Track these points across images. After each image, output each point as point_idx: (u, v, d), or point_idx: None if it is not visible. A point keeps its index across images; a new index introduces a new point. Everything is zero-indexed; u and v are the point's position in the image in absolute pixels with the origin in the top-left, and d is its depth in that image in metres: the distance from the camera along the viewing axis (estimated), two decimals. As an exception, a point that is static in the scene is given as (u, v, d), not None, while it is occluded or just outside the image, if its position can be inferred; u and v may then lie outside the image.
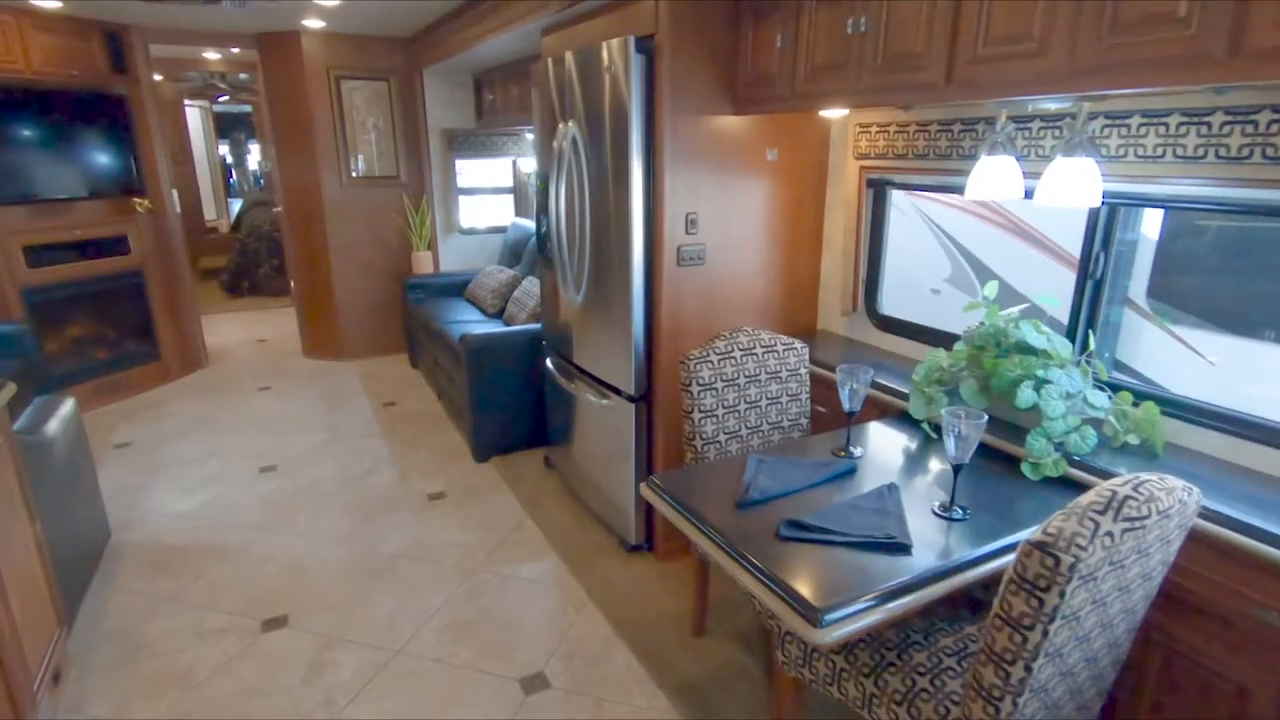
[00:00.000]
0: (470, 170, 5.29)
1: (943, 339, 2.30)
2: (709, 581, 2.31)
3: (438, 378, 4.39)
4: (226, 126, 10.88)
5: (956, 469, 1.53)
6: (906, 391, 2.05)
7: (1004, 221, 2.65)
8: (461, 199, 5.27)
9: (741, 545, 1.42)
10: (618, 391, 2.63)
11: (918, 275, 2.75)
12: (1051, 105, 1.77)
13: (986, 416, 1.48)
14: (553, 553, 2.81)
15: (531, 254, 4.55)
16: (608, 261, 2.55)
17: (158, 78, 7.89)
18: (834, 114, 2.33)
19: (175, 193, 4.95)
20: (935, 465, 1.81)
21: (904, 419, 2.05)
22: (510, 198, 5.44)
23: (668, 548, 2.71)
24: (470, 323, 4.25)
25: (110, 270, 4.51)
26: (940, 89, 1.64)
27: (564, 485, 3.33)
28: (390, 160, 5.13)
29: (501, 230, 5.42)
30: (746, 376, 2.15)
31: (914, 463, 1.83)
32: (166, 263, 4.83)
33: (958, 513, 1.54)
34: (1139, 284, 2.05)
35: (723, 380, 2.12)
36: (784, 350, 2.22)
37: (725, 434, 2.14)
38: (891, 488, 1.62)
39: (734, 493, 1.65)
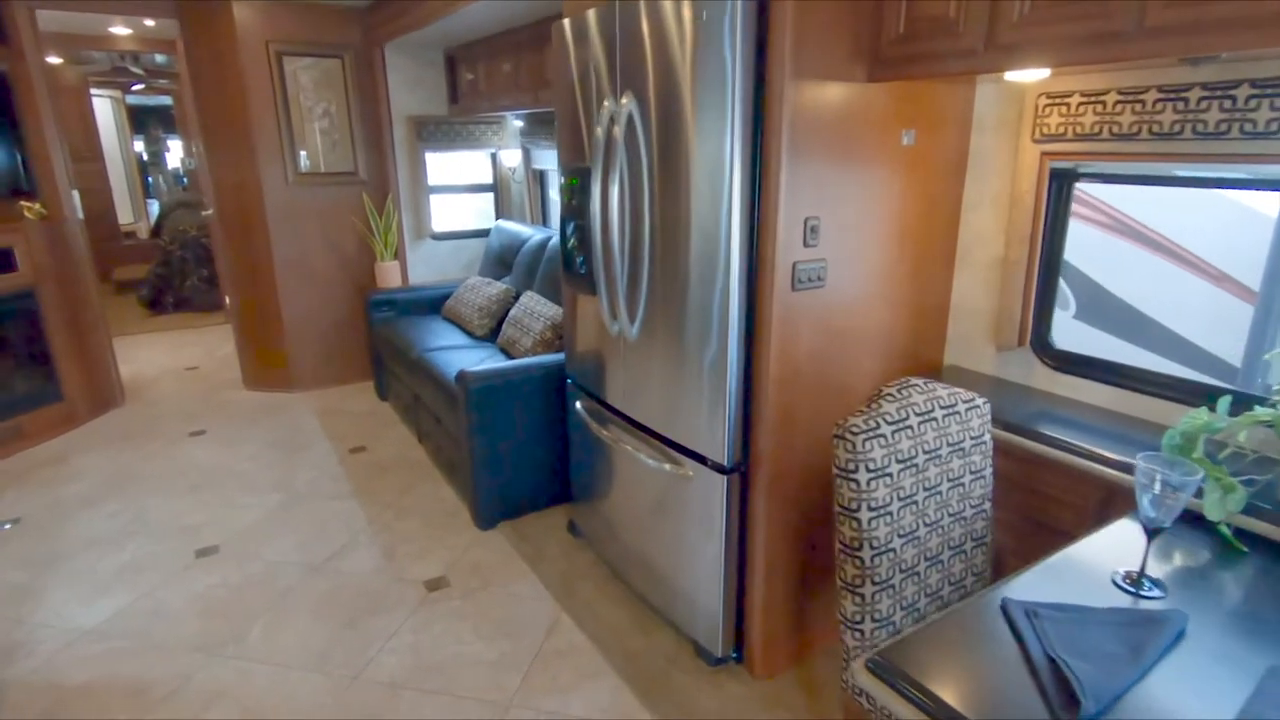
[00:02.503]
0: (442, 165, 4.50)
1: (1170, 387, 1.71)
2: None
3: (418, 417, 3.61)
4: (142, 121, 9.71)
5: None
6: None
7: (1108, 221, 2.07)
8: (432, 198, 4.48)
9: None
10: (698, 458, 1.95)
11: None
12: None
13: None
14: (609, 670, 2.11)
15: (527, 264, 3.82)
16: (682, 284, 1.87)
17: (56, 60, 6.79)
18: (1024, 78, 1.68)
19: (77, 194, 4.01)
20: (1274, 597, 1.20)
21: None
22: (490, 196, 4.68)
23: (769, 660, 2.05)
24: (455, 349, 3.50)
25: (-10, 292, 3.58)
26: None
27: (600, 561, 2.63)
28: (346, 153, 4.31)
29: (481, 234, 4.65)
30: (926, 453, 1.51)
31: (1242, 596, 1.22)
32: (67, 279, 3.90)
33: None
34: None
35: (898, 461, 1.47)
36: (966, 410, 1.58)
37: (900, 536, 1.49)
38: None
39: (1017, 681, 1.00)
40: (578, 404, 2.55)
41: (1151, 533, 1.19)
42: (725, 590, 2.00)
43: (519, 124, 4.13)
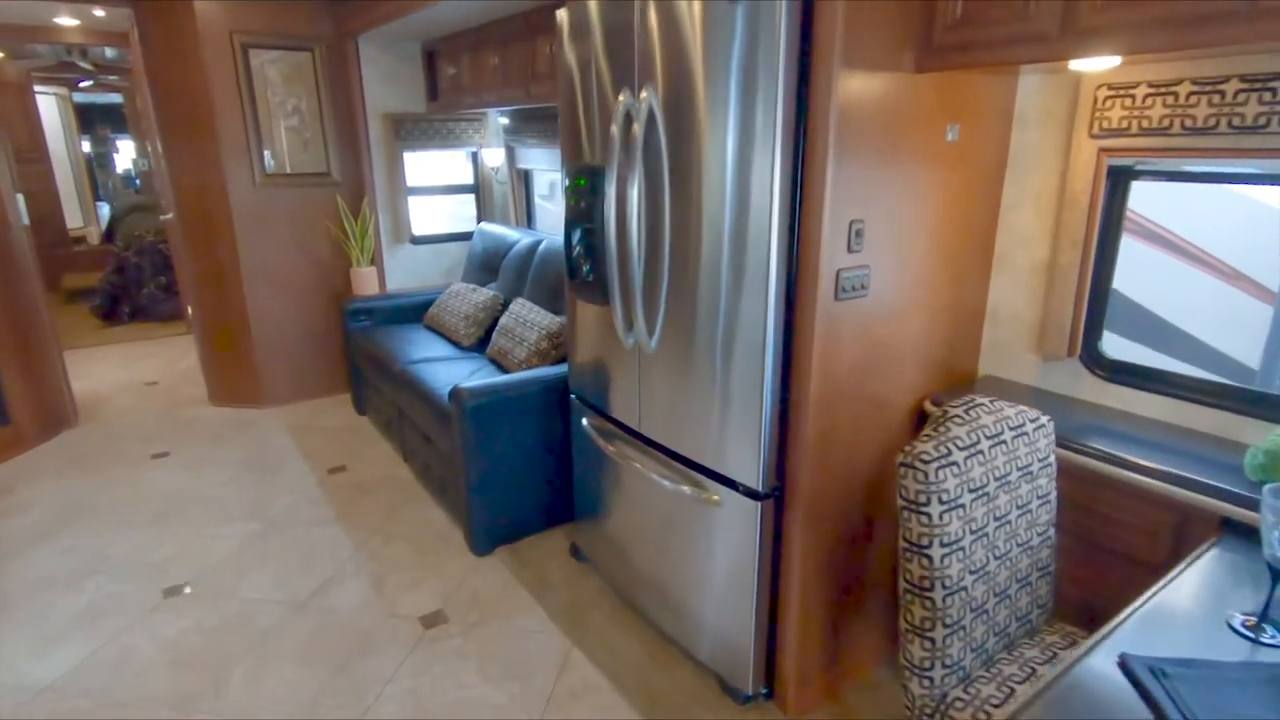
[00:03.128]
0: (421, 165, 4.28)
1: (1229, 397, 1.60)
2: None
3: (403, 434, 3.39)
4: (90, 120, 9.24)
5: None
6: (1239, 491, 1.34)
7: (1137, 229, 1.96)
8: (411, 200, 4.25)
9: None
10: (727, 482, 1.79)
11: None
12: None
13: None
14: (630, 712, 1.94)
15: (516, 269, 3.62)
16: (710, 293, 1.71)
17: (-5, 53, 6.37)
18: (1089, 67, 1.55)
19: (21, 198, 3.71)
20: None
21: (1248, 540, 1.32)
22: (472, 198, 4.47)
23: (803, 696, 1.90)
24: (442, 361, 3.29)
25: (-75, 306, 3.27)
26: None
27: (608, 587, 2.46)
28: (318, 153, 4.06)
29: (463, 238, 4.44)
30: (997, 479, 1.37)
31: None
32: (12, 288, 3.59)
33: None
34: None
35: (970, 490, 1.33)
36: (1034, 431, 1.45)
37: (971, 573, 1.35)
38: None
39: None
40: (583, 421, 2.37)
41: (1277, 573, 1.07)
42: (756, 623, 1.84)
43: (505, 121, 3.93)
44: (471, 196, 4.47)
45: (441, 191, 4.37)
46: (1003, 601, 1.42)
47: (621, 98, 1.84)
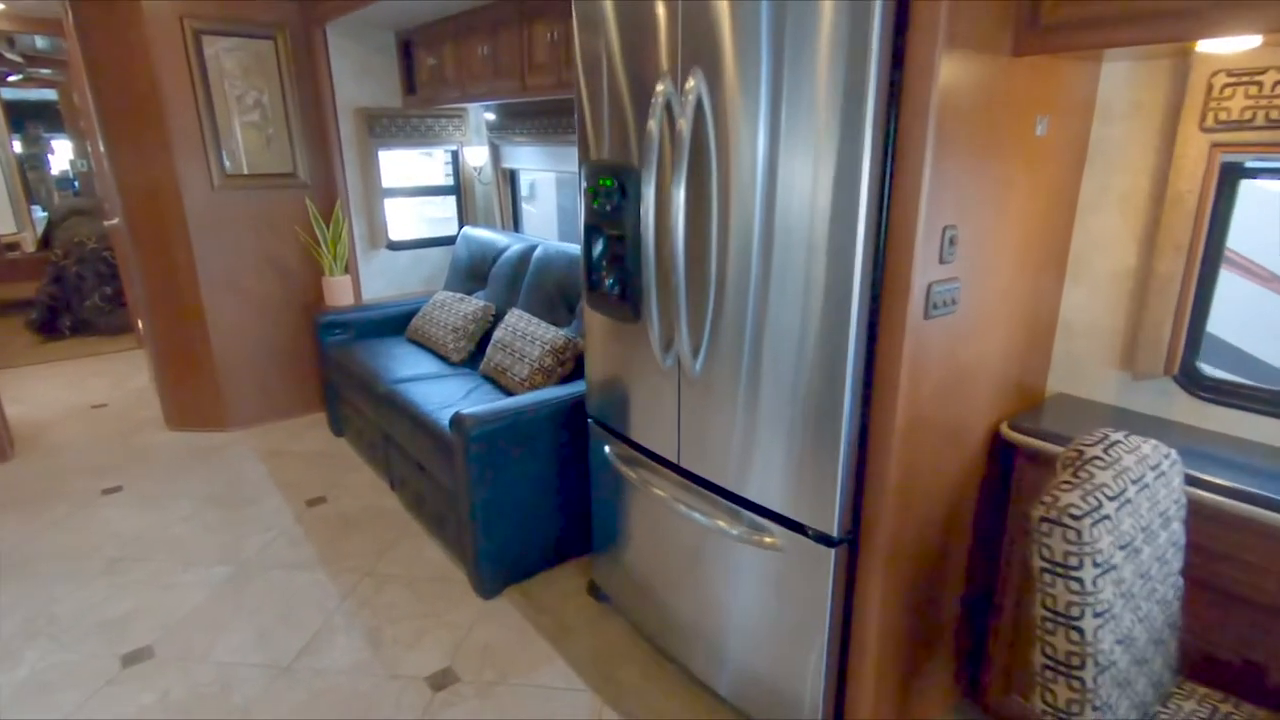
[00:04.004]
0: (395, 165, 3.96)
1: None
2: None
3: (389, 460, 3.09)
4: (22, 119, 8.63)
5: None
6: None
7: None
8: (386, 202, 3.93)
9: None
10: (793, 526, 1.57)
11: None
12: None
13: None
14: (682, 789, 1.71)
15: (507, 277, 3.34)
16: (774, 311, 1.48)
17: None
18: (1216, 48, 1.36)
19: (-57, 203, 3.29)
20: None
21: None
22: (452, 199, 4.16)
23: (877, 764, 1.69)
24: (432, 379, 3.00)
25: None
26: None
27: (637, 633, 2.22)
28: (283, 151, 3.71)
29: (443, 242, 4.13)
30: (1142, 530, 1.17)
31: None
32: (-66, 310, 3.18)
33: None
34: None
35: (1120, 548, 1.12)
36: (1169, 469, 1.25)
37: (1119, 643, 1.15)
38: None
39: None
40: (605, 449, 2.12)
41: None
42: (826, 682, 1.63)
43: (490, 117, 3.64)
44: (450, 199, 4.16)
45: (421, 193, 4.06)
46: (1142, 669, 1.23)
47: (661, 87, 1.60)
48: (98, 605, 2.42)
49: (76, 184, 8.80)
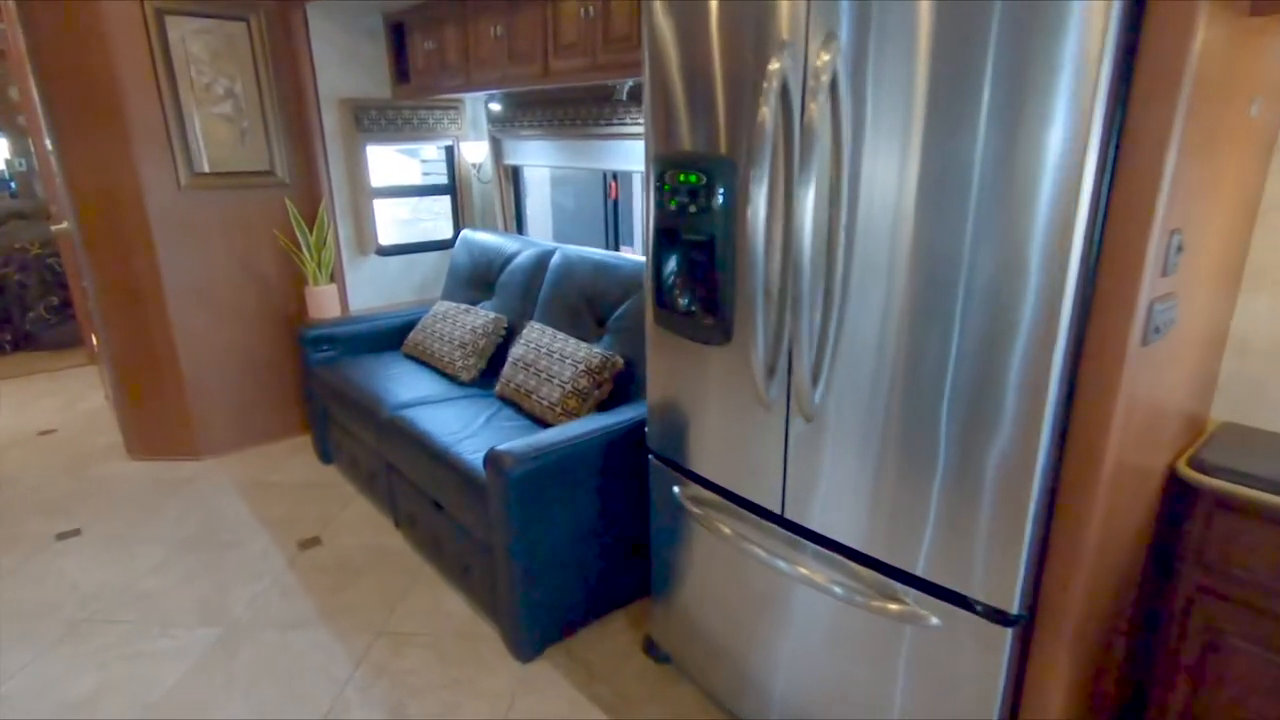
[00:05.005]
0: (383, 161, 3.59)
1: None
2: None
3: (394, 494, 2.73)
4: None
5: None
6: None
7: None
8: (375, 203, 3.56)
9: None
10: (954, 598, 1.29)
11: None
12: None
13: None
14: None
15: (521, 285, 3.01)
16: (939, 337, 1.20)
17: None
18: None
19: None
20: None
21: None
22: (448, 200, 3.80)
23: None
24: (441, 403, 2.66)
25: None
26: None
27: (710, 702, 1.92)
28: (259, 146, 3.31)
29: (438, 246, 3.78)
30: None
31: None
32: None
33: None
34: None
35: None
36: None
37: None
38: None
39: None
40: (674, 489, 1.82)
41: None
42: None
43: (496, 108, 3.29)
44: (447, 198, 3.80)
45: (413, 193, 3.69)
46: None
47: (777, 64, 1.30)
48: (57, 682, 2.03)
49: (14, 185, 8.13)
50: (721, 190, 1.47)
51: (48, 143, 3.23)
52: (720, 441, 1.66)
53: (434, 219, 3.82)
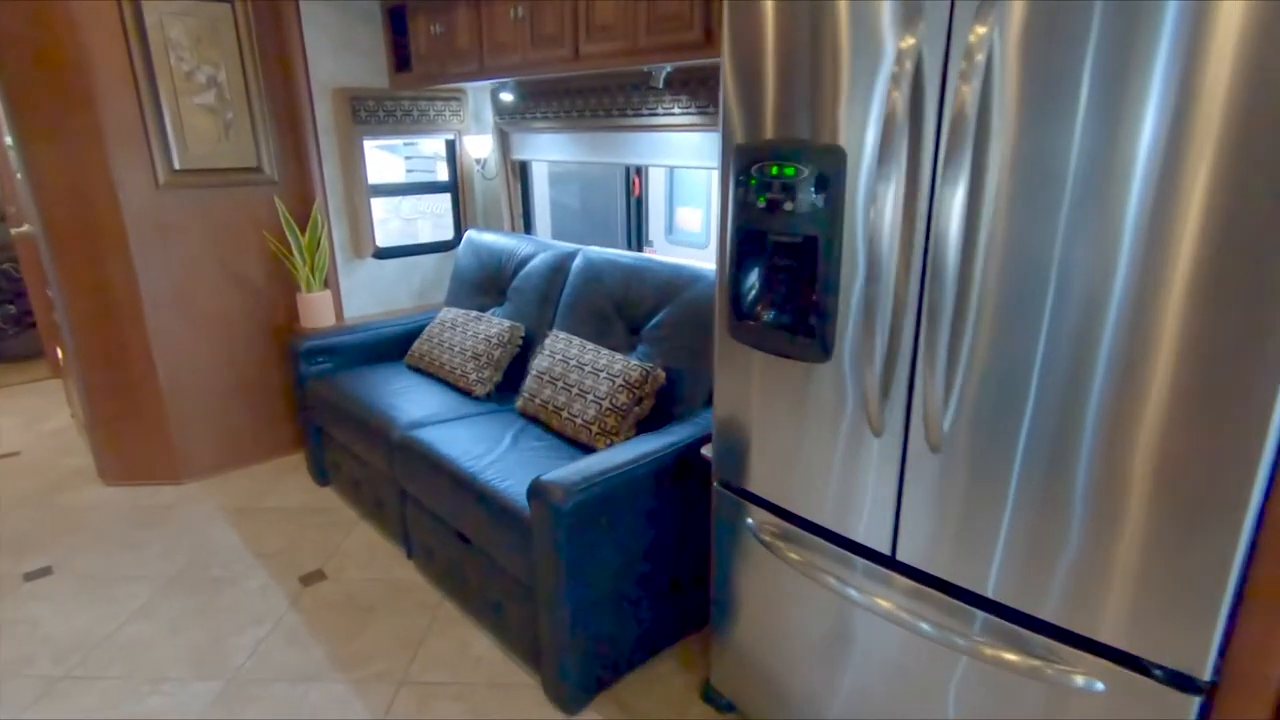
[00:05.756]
0: (378, 157, 3.33)
1: None
2: None
3: (406, 521, 2.49)
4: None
5: None
6: None
7: None
8: (373, 202, 3.30)
9: None
10: (1122, 658, 1.10)
11: None
12: None
13: None
14: None
15: (538, 291, 2.78)
16: (1104, 351, 1.02)
17: None
18: None
19: None
20: None
21: None
22: (448, 198, 3.55)
23: None
24: (456, 421, 2.44)
25: None
26: None
27: (781, 754, 1.72)
28: (245, 140, 3.04)
29: (438, 248, 3.53)
30: None
31: None
32: None
33: None
34: None
35: None
36: None
37: None
38: None
39: None
40: (748, 521, 1.62)
41: None
42: None
43: (509, 98, 3.05)
44: (447, 196, 3.55)
45: (413, 191, 3.44)
46: None
47: (910, 39, 1.10)
48: (32, 757, 1.77)
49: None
50: (828, 185, 1.27)
51: (7, 138, 2.92)
52: (808, 471, 1.46)
53: (431, 219, 3.57)
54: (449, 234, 3.56)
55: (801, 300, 1.37)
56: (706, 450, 1.77)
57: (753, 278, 1.45)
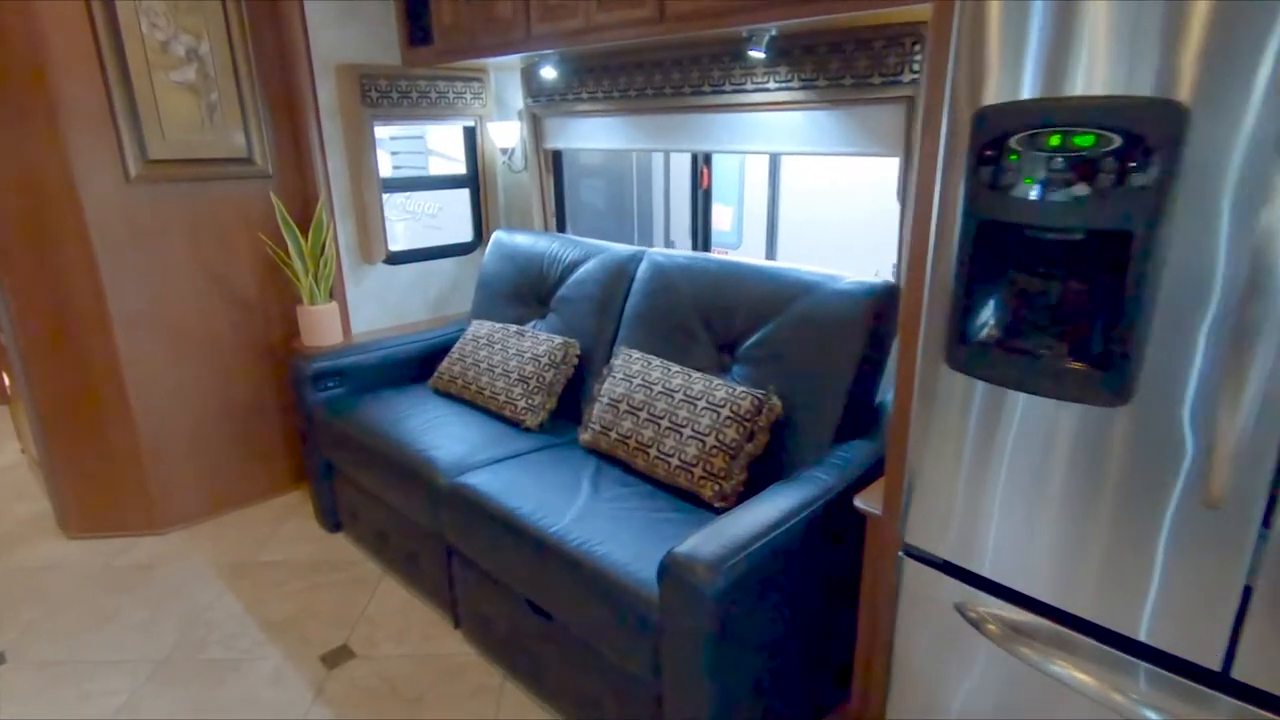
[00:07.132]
0: (393, 146, 2.88)
1: None
2: None
3: (453, 585, 2.05)
4: None
5: None
6: None
7: None
8: (384, 199, 2.84)
9: None
10: None
11: None
12: None
13: None
14: None
15: (593, 299, 2.37)
16: None
17: None
18: None
19: None
20: None
21: None
22: (465, 194, 3.11)
23: None
24: (512, 459, 2.04)
25: None
26: None
27: None
28: (233, 125, 2.57)
29: (456, 251, 3.09)
30: None
31: None
32: None
33: None
34: None
35: None
36: None
37: None
38: None
39: None
40: (954, 603, 1.24)
41: None
42: None
43: (551, 74, 2.61)
44: (466, 192, 3.11)
45: (430, 186, 2.99)
46: None
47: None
48: None
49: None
50: (1150, 161, 0.90)
51: (-63, 121, 2.40)
52: (1078, 551, 1.08)
53: (443, 217, 3.13)
54: (468, 235, 3.12)
55: (1089, 321, 0.99)
56: (862, 502, 1.39)
57: (998, 289, 1.07)
